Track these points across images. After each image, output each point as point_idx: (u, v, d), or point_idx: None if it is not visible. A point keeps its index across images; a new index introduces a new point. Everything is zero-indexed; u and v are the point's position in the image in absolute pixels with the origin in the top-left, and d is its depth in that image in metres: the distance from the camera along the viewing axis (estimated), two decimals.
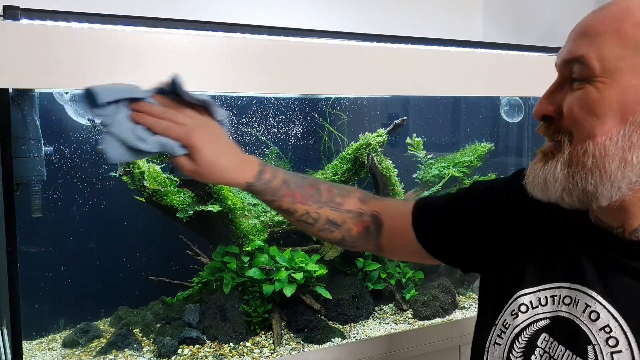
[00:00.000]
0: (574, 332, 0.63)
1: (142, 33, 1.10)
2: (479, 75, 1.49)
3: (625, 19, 0.59)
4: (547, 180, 0.63)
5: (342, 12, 1.83)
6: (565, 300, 0.65)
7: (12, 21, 0.99)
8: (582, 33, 0.62)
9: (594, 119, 0.59)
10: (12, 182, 1.04)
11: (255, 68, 1.20)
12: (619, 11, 0.60)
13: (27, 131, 1.12)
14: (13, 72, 0.99)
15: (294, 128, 1.72)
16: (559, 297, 0.66)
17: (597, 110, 0.59)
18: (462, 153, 1.87)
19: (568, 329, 0.64)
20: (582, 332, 0.62)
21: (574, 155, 0.61)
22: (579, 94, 0.61)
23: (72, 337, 1.37)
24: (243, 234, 1.47)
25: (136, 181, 1.34)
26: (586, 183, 0.60)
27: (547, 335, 0.65)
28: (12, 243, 1.05)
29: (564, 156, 0.62)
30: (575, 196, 0.61)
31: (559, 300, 0.66)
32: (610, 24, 0.60)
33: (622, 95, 0.58)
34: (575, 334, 0.63)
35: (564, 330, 0.64)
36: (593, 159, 0.59)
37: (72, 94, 1.33)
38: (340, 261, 1.58)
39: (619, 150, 0.58)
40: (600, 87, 0.59)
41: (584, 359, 0.61)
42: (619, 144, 0.58)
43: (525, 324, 0.68)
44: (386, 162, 1.56)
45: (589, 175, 0.59)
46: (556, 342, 0.64)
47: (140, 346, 1.35)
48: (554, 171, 0.62)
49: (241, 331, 1.38)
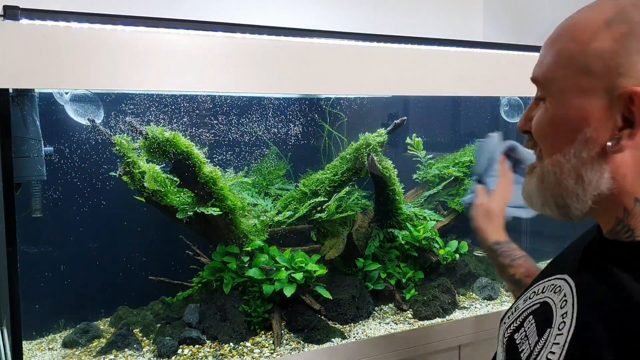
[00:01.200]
0: (548, 314, 0.65)
1: (142, 33, 1.10)
2: (479, 75, 1.49)
3: (566, 38, 0.61)
4: (529, 195, 0.68)
5: (342, 12, 1.83)
6: (556, 290, 0.68)
7: (12, 21, 0.99)
8: (540, 53, 0.65)
9: (548, 138, 0.63)
10: (12, 182, 1.04)
11: (255, 68, 1.20)
12: (564, 29, 0.62)
13: (27, 131, 1.12)
14: (13, 72, 0.99)
15: (294, 128, 1.72)
16: (553, 286, 0.69)
17: (549, 130, 0.63)
18: (462, 153, 1.87)
19: (545, 311, 0.66)
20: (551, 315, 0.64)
21: (543, 171, 0.64)
22: (538, 114, 0.64)
23: (72, 337, 1.37)
24: (243, 234, 1.47)
25: (136, 181, 1.34)
26: (555, 197, 0.63)
27: (532, 317, 0.68)
28: (12, 243, 1.05)
29: (536, 172, 0.66)
30: (554, 210, 0.64)
31: (552, 288, 0.69)
32: (556, 44, 0.62)
33: (567, 115, 0.60)
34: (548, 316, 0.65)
35: (542, 312, 0.67)
36: (554, 176, 0.62)
37: (72, 94, 1.33)
38: (340, 261, 1.58)
39: (573, 167, 0.60)
40: (548, 108, 0.63)
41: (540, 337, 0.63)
42: (572, 162, 0.60)
43: (525, 308, 0.71)
44: (386, 162, 1.56)
45: (555, 191, 0.63)
46: (534, 323, 0.67)
47: (140, 346, 1.35)
48: (532, 187, 0.67)
49: (241, 331, 1.38)
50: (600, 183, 0.59)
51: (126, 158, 1.33)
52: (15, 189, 1.06)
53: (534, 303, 0.69)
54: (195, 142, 1.36)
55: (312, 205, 1.56)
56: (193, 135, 1.52)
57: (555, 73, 0.61)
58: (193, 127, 1.54)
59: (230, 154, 1.62)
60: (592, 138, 0.59)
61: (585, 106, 0.59)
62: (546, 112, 0.63)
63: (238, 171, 1.60)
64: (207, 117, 1.57)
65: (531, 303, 0.70)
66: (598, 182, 0.59)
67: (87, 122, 1.34)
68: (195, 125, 1.54)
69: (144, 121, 1.44)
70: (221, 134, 1.60)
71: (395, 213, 1.63)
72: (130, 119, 1.33)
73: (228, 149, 1.61)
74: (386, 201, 1.60)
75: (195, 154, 1.34)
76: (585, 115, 0.59)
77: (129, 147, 1.33)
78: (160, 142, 1.30)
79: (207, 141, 1.56)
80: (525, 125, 0.68)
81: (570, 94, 0.60)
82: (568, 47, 0.60)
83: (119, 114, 1.42)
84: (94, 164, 1.44)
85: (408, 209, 1.68)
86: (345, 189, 1.60)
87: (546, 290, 0.69)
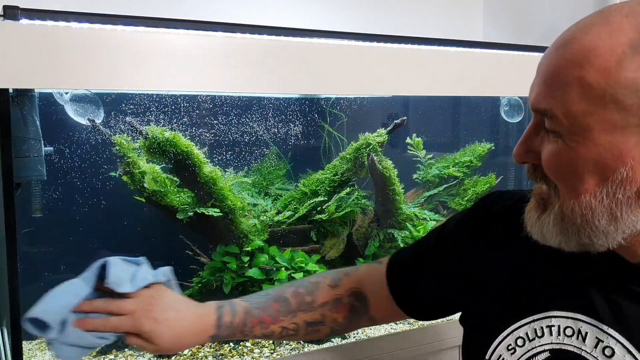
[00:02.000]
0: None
1: (142, 33, 1.10)
2: (479, 75, 1.49)
3: (586, 65, 0.52)
4: (544, 233, 0.60)
5: (342, 12, 1.83)
6: (566, 332, 0.62)
7: (12, 21, 0.99)
8: (546, 80, 0.56)
9: (574, 178, 0.56)
10: (12, 182, 1.04)
11: (255, 68, 1.20)
12: (580, 54, 0.53)
13: (27, 131, 1.12)
14: (13, 72, 0.99)
15: (294, 128, 1.72)
16: (557, 327, 0.63)
17: (575, 170, 0.55)
18: (462, 153, 1.87)
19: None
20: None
21: (564, 211, 0.58)
22: (555, 150, 0.56)
23: None
24: (243, 234, 1.47)
25: (136, 181, 1.34)
26: (580, 237, 0.57)
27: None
28: (12, 243, 1.05)
29: (554, 210, 0.59)
30: (573, 246, 0.58)
31: (558, 331, 0.63)
32: (572, 72, 0.53)
33: (597, 154, 0.54)
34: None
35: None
36: (582, 217, 0.56)
37: (72, 94, 1.33)
38: (340, 261, 1.58)
39: (605, 208, 0.55)
40: (573, 147, 0.55)
41: None
42: (605, 202, 0.54)
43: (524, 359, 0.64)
44: (386, 162, 1.56)
45: (581, 231, 0.57)
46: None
47: None
48: (548, 225, 0.59)
49: None
50: (637, 221, 0.54)
51: (126, 158, 1.33)
52: (15, 189, 1.06)
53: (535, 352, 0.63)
54: (195, 142, 1.36)
55: (312, 205, 1.56)
56: (193, 135, 1.52)
57: (577, 107, 0.53)
58: (193, 127, 1.54)
59: (230, 154, 1.62)
60: (629, 177, 0.53)
61: (619, 144, 0.52)
62: (567, 150, 0.55)
63: (238, 171, 1.60)
64: (207, 117, 1.57)
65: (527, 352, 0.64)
66: (635, 221, 0.54)
67: (87, 122, 1.34)
68: (195, 125, 1.54)
69: (144, 121, 1.44)
70: (221, 134, 1.60)
71: (395, 213, 1.63)
72: (130, 119, 1.33)
73: (228, 149, 1.61)
74: (386, 201, 1.60)
75: (195, 154, 1.35)
76: (620, 153, 0.53)
77: (129, 147, 1.34)
78: (160, 142, 1.30)
79: (207, 141, 1.56)
80: (526, 157, 0.60)
81: (599, 131, 0.53)
82: (590, 77, 0.52)
83: (119, 114, 1.42)
84: (94, 164, 1.44)
85: (408, 209, 1.68)
86: (345, 189, 1.60)
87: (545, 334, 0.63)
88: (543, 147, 0.58)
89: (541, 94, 0.56)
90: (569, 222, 0.57)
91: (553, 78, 0.55)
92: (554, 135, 0.56)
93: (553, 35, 0.59)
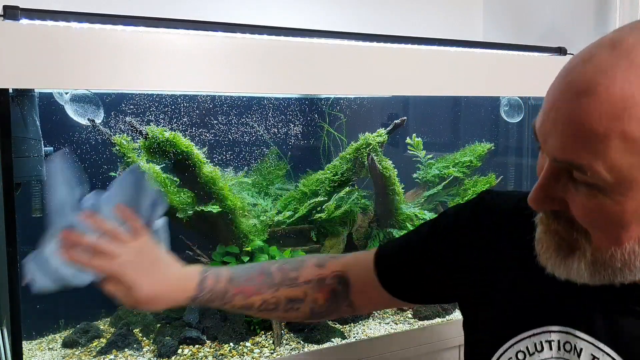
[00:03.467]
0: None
1: (142, 33, 1.10)
2: (479, 75, 1.49)
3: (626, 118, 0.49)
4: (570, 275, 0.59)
5: (342, 12, 1.83)
6: (566, 347, 0.62)
7: (12, 21, 0.99)
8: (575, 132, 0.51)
9: (618, 228, 0.54)
10: (12, 182, 1.04)
11: (255, 68, 1.20)
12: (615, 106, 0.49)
13: (27, 131, 1.12)
14: (13, 72, 0.99)
15: (293, 128, 1.72)
16: (557, 342, 0.62)
17: (620, 222, 0.53)
18: (462, 153, 1.87)
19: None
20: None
21: (598, 257, 0.56)
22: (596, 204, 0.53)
23: (72, 337, 1.37)
24: (243, 234, 1.47)
25: None
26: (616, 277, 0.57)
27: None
28: (12, 243, 1.05)
29: (586, 257, 0.57)
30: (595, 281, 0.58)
31: (558, 346, 0.62)
32: (610, 125, 0.49)
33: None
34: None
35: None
36: (622, 262, 0.55)
37: (72, 94, 1.33)
38: None
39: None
40: (619, 200, 0.52)
41: None
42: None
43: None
44: (386, 162, 1.56)
45: (617, 273, 0.56)
46: None
47: (140, 346, 1.35)
48: (578, 270, 0.58)
49: (241, 331, 1.38)
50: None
51: (126, 158, 1.33)
52: (15, 189, 1.06)
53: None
54: (195, 142, 1.36)
55: (312, 205, 1.56)
56: (193, 135, 1.52)
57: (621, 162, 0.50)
58: (193, 127, 1.53)
59: (230, 154, 1.61)
60: None
61: None
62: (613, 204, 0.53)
63: (238, 171, 1.60)
64: (207, 117, 1.57)
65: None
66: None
67: (87, 122, 1.34)
68: (195, 125, 1.54)
69: (144, 121, 1.44)
70: (221, 134, 1.60)
71: (395, 213, 1.63)
72: (130, 119, 1.33)
73: (228, 149, 1.61)
74: (386, 201, 1.60)
75: (195, 154, 1.35)
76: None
77: (129, 147, 1.34)
78: (160, 142, 1.30)
79: (207, 141, 1.56)
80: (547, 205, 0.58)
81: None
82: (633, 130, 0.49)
83: (119, 114, 1.42)
84: (94, 164, 1.44)
85: (408, 209, 1.68)
86: (345, 189, 1.60)
87: (544, 349, 0.63)
88: (570, 196, 0.56)
89: (569, 145, 0.52)
90: (606, 266, 0.56)
91: (585, 131, 0.50)
92: (589, 187, 0.53)
93: (553, 35, 0.57)
